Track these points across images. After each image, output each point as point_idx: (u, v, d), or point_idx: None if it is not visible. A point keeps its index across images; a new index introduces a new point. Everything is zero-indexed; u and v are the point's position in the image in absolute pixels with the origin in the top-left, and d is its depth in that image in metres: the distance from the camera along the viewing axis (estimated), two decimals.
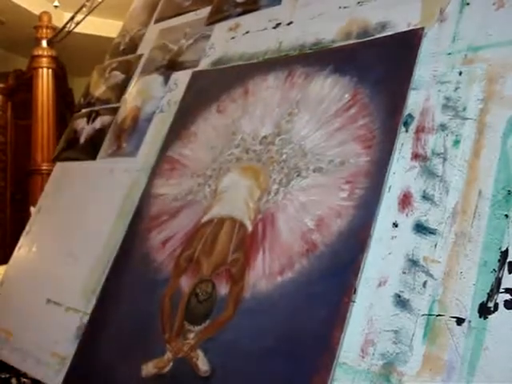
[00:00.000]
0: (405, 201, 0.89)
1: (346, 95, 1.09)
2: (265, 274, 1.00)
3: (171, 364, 1.03)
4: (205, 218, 1.18)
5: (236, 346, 0.96)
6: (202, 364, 0.98)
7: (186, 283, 1.11)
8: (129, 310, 1.20)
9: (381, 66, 1.06)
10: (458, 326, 0.75)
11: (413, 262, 0.84)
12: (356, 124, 1.04)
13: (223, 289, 1.04)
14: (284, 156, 1.11)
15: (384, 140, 0.98)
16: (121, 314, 1.21)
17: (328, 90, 1.13)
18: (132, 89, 1.72)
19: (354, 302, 0.86)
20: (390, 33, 1.10)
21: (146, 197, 1.37)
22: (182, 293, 1.10)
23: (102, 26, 4.96)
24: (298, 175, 1.07)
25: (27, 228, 1.76)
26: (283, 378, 0.88)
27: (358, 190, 0.96)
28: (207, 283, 1.07)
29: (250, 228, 1.08)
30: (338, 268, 0.91)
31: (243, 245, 1.07)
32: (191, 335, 1.03)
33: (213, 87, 1.41)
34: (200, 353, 1.00)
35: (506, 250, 0.75)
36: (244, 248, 1.06)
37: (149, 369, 1.06)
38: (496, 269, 0.75)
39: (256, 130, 1.22)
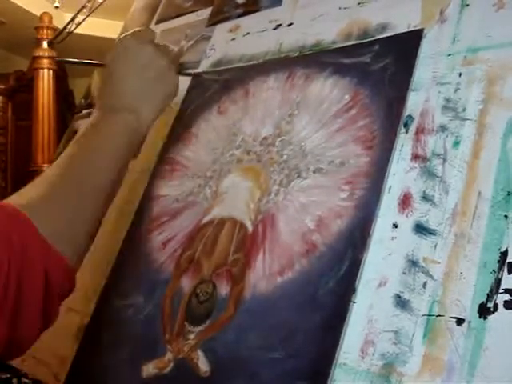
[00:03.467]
0: (405, 201, 0.89)
1: (346, 96, 1.09)
2: (265, 275, 1.00)
3: (172, 365, 1.03)
4: (205, 219, 1.18)
5: (236, 346, 0.96)
6: (203, 364, 0.98)
7: (186, 284, 1.11)
8: (129, 310, 1.20)
9: (381, 67, 1.07)
10: (458, 327, 0.75)
11: (413, 263, 0.84)
12: (356, 125, 1.04)
13: (224, 289, 1.04)
14: (284, 157, 1.11)
15: (384, 140, 0.98)
16: (121, 315, 1.21)
17: (328, 91, 1.13)
18: None
19: (354, 302, 0.87)
20: (390, 34, 1.10)
21: (147, 198, 1.37)
22: (183, 293, 1.10)
23: (102, 26, 4.97)
24: (298, 176, 1.06)
25: None
26: (283, 379, 0.89)
27: (358, 191, 0.96)
28: (208, 284, 1.07)
29: (250, 229, 1.08)
30: (338, 268, 0.91)
31: (244, 245, 1.07)
32: (192, 336, 1.03)
33: (213, 88, 1.41)
34: (200, 353, 1.00)
35: (506, 251, 0.75)
36: (244, 248, 1.06)
37: (149, 369, 1.06)
38: (496, 269, 0.75)
39: (257, 131, 1.22)
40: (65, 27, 4.48)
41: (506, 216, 0.78)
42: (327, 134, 1.07)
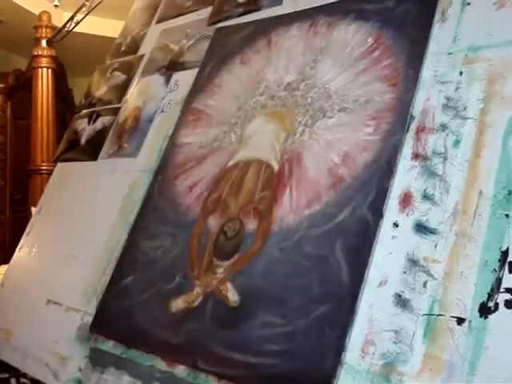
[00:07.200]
0: (405, 200, 0.89)
1: (370, 39, 1.12)
2: (292, 209, 1.03)
3: (200, 298, 1.06)
4: (231, 162, 1.21)
5: (265, 276, 0.99)
6: (232, 295, 1.01)
7: (213, 223, 1.15)
8: (157, 251, 1.23)
9: (404, 11, 1.08)
10: (459, 326, 0.75)
11: (413, 262, 0.84)
12: (380, 65, 1.06)
13: (251, 225, 1.07)
14: (309, 99, 1.14)
15: (408, 76, 1.00)
16: (149, 256, 1.24)
17: (351, 35, 1.16)
18: (133, 89, 1.72)
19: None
20: None
21: (171, 147, 1.39)
22: (210, 232, 1.13)
23: (101, 25, 4.96)
24: (323, 116, 1.09)
25: (28, 228, 1.76)
26: (310, 304, 0.91)
27: (384, 125, 0.99)
28: (235, 221, 1.10)
29: (276, 168, 1.11)
30: (366, 196, 0.94)
31: (270, 183, 1.10)
32: (220, 270, 1.06)
33: (236, 41, 1.43)
34: (229, 285, 1.03)
35: (507, 250, 0.76)
36: (271, 186, 1.09)
37: (178, 304, 1.09)
38: (496, 268, 0.75)
39: (280, 78, 1.24)
40: (64, 26, 4.47)
41: (506, 215, 0.78)
42: (351, 76, 1.10)
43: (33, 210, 2.46)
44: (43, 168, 4.50)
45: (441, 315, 0.77)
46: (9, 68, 5.23)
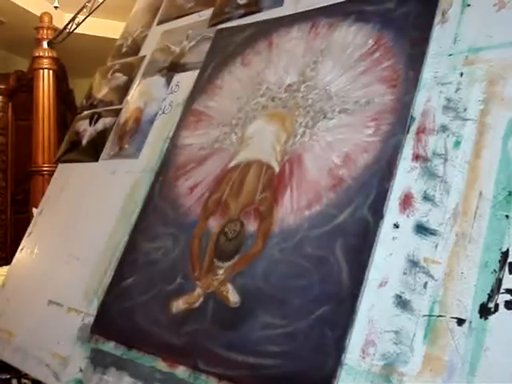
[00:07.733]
0: (406, 201, 0.90)
1: (370, 41, 1.12)
2: (293, 210, 1.03)
3: (201, 299, 1.07)
4: (232, 163, 1.22)
5: (266, 277, 0.99)
6: (232, 296, 1.02)
7: (214, 224, 1.15)
8: (158, 253, 1.23)
9: (405, 12, 1.09)
10: (459, 327, 0.75)
11: (413, 263, 0.84)
12: (380, 66, 1.07)
13: (251, 226, 1.08)
14: (310, 101, 1.15)
15: (408, 78, 1.00)
16: (150, 257, 1.24)
17: (352, 37, 1.16)
18: (134, 90, 1.72)
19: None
20: None
21: (172, 148, 1.40)
22: (211, 233, 1.14)
23: (103, 26, 4.96)
24: (323, 117, 1.10)
25: (29, 229, 1.76)
26: (311, 304, 0.91)
27: (384, 126, 0.99)
28: (236, 222, 1.11)
29: (277, 169, 1.11)
30: (366, 197, 0.94)
31: (271, 185, 1.10)
32: (221, 271, 1.07)
33: (237, 42, 1.44)
34: (230, 286, 1.03)
35: (507, 251, 0.76)
36: (272, 187, 1.09)
37: (179, 305, 1.09)
38: (497, 269, 0.75)
39: (281, 80, 1.25)
40: (65, 27, 4.47)
41: (507, 216, 0.78)
42: (352, 77, 1.10)
43: (34, 210, 2.46)
44: (44, 169, 4.51)
45: (441, 316, 0.78)
46: (10, 69, 5.23)
